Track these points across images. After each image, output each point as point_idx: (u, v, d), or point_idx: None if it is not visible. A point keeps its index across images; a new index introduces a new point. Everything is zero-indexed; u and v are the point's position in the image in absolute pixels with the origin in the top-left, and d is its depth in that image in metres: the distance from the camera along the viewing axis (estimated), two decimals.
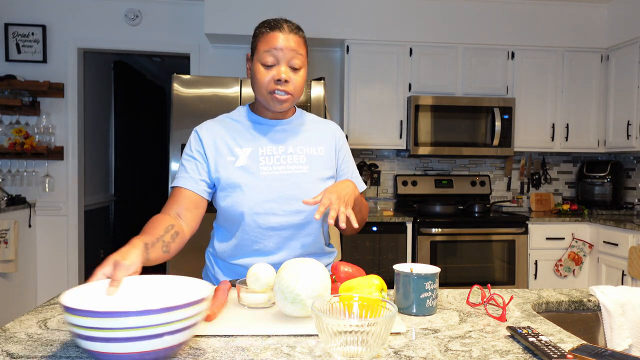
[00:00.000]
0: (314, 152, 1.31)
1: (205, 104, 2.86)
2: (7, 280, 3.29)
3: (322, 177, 1.29)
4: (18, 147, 3.46)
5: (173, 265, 2.86)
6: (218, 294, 1.02)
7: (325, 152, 1.33)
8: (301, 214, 1.25)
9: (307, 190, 1.25)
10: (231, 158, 1.25)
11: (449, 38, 3.66)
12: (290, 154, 1.27)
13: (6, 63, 3.60)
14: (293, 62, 1.20)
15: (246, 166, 1.24)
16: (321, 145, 1.33)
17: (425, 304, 1.02)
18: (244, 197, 1.22)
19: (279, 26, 1.20)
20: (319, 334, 0.74)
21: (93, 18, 3.71)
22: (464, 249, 3.35)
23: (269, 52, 1.19)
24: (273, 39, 1.19)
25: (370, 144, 3.64)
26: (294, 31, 1.21)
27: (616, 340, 1.13)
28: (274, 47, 1.18)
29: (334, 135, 1.37)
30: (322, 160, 1.31)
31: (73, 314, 0.68)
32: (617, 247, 3.18)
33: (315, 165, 1.29)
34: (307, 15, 3.53)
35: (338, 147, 1.37)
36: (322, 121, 1.40)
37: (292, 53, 1.19)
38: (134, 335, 0.68)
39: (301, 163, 1.27)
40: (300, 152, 1.29)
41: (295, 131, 1.32)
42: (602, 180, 3.83)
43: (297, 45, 1.20)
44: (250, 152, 1.26)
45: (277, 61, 1.19)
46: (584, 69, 3.79)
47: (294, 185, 1.25)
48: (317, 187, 1.26)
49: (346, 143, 1.42)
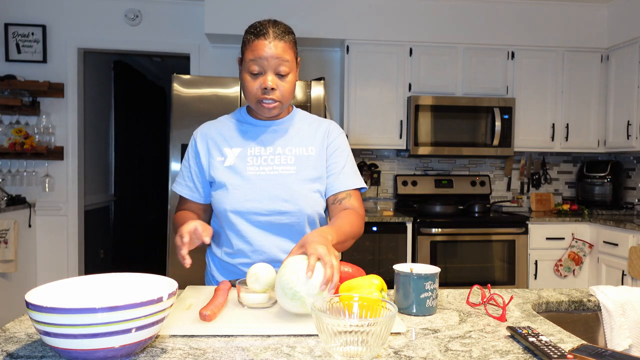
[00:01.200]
0: (303, 152, 1.30)
1: (205, 104, 2.86)
2: (7, 280, 3.29)
3: (310, 178, 1.28)
4: (18, 147, 3.45)
5: (173, 265, 2.86)
6: (218, 294, 1.02)
7: (316, 152, 1.32)
8: (284, 214, 1.25)
9: (293, 190, 1.25)
10: (220, 158, 1.29)
11: (449, 38, 3.66)
12: (278, 154, 1.29)
13: (6, 63, 3.60)
14: (279, 69, 1.20)
15: (233, 166, 1.27)
16: (312, 146, 1.32)
17: (425, 304, 1.02)
18: (229, 195, 1.25)
19: (263, 33, 1.19)
20: (319, 334, 0.74)
21: (93, 18, 3.71)
22: (464, 249, 3.35)
23: (255, 62, 1.19)
24: (258, 48, 1.19)
25: (370, 144, 3.64)
26: (279, 37, 1.19)
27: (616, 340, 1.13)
28: (259, 56, 1.18)
29: (325, 133, 1.34)
30: (311, 161, 1.30)
31: (39, 311, 0.69)
32: (617, 247, 3.18)
33: (303, 165, 1.29)
34: (307, 15, 3.53)
35: (327, 143, 1.34)
36: (317, 120, 1.38)
37: (278, 61, 1.19)
38: (96, 331, 0.69)
39: (289, 164, 1.28)
40: (289, 152, 1.29)
41: (286, 132, 1.32)
42: (602, 180, 3.83)
43: (283, 52, 1.19)
44: (239, 152, 1.28)
45: (263, 70, 1.20)
46: (584, 69, 3.79)
47: (280, 185, 1.25)
48: (303, 188, 1.27)
49: (340, 138, 1.36)
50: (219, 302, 0.98)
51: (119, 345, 0.72)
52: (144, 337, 0.75)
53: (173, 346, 0.83)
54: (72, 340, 0.70)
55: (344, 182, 1.32)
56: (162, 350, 0.82)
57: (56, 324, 0.68)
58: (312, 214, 1.29)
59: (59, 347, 0.71)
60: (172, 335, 0.88)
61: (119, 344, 0.72)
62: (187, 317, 0.96)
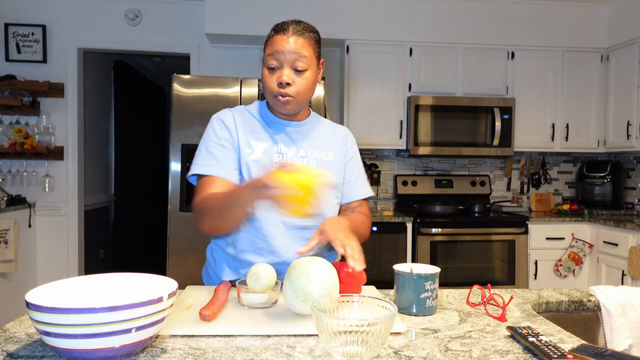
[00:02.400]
0: (324, 157, 1.32)
1: (205, 104, 2.86)
2: (7, 280, 3.29)
3: (331, 183, 1.31)
4: (18, 147, 3.45)
5: (173, 265, 2.86)
6: (218, 294, 1.02)
7: (334, 158, 1.34)
8: (305, 218, 1.26)
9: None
10: (248, 150, 1.26)
11: (449, 38, 3.66)
12: (301, 157, 1.29)
13: (6, 63, 3.60)
14: (296, 64, 1.20)
15: (260, 160, 1.25)
16: (331, 151, 1.34)
17: (425, 304, 1.02)
18: None
19: (283, 29, 1.20)
20: (319, 334, 0.75)
21: (93, 18, 3.71)
22: (464, 249, 3.35)
23: (272, 56, 1.20)
24: (276, 43, 1.20)
25: (370, 144, 3.64)
26: (298, 32, 1.20)
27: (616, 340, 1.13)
28: (276, 50, 1.19)
29: (344, 139, 1.39)
30: (331, 166, 1.32)
31: (39, 311, 0.69)
32: (617, 247, 3.18)
33: (324, 170, 1.30)
34: (307, 15, 3.53)
35: (345, 150, 1.38)
36: (334, 126, 1.41)
37: (294, 55, 1.19)
38: (98, 331, 0.70)
39: (311, 167, 1.28)
40: (311, 156, 1.30)
41: (308, 135, 1.33)
42: (602, 180, 3.83)
43: (301, 47, 1.20)
44: (265, 147, 1.27)
45: (280, 64, 1.20)
46: (584, 69, 3.79)
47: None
48: (325, 193, 1.27)
49: (355, 146, 1.42)
50: (219, 302, 0.98)
51: (119, 345, 0.72)
52: (144, 337, 0.75)
53: (173, 346, 0.83)
54: (72, 340, 0.70)
55: (359, 191, 1.39)
56: (162, 350, 0.82)
57: (56, 324, 0.68)
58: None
59: (59, 347, 0.71)
60: (172, 335, 0.88)
61: (119, 344, 0.72)
62: (187, 317, 0.96)
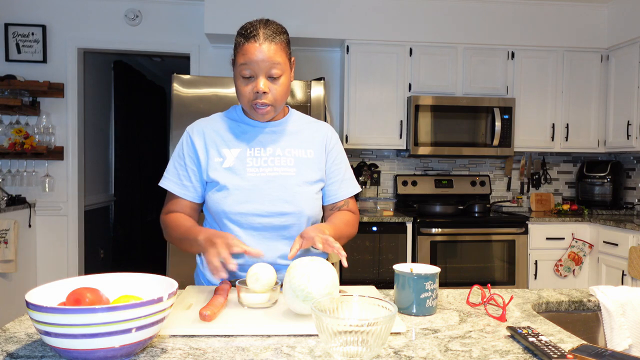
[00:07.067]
0: (302, 154, 1.30)
1: (205, 104, 2.86)
2: (7, 280, 3.29)
3: (310, 180, 1.29)
4: (18, 147, 3.45)
5: (173, 265, 2.86)
6: (218, 294, 1.02)
7: (314, 154, 1.32)
8: (284, 216, 1.25)
9: (293, 192, 1.25)
10: (219, 159, 1.26)
11: (449, 38, 3.66)
12: (278, 156, 1.28)
13: (6, 63, 3.60)
14: (271, 72, 1.18)
15: (233, 167, 1.25)
16: (311, 148, 1.32)
17: (425, 304, 1.02)
18: (229, 197, 1.23)
19: (254, 35, 1.17)
20: (319, 334, 0.75)
21: (93, 18, 3.71)
22: (464, 249, 3.35)
23: (246, 65, 1.18)
24: (248, 52, 1.16)
25: (370, 144, 3.64)
26: (269, 38, 1.17)
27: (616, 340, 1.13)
28: (250, 60, 1.16)
29: (324, 137, 1.36)
30: (310, 163, 1.30)
31: (39, 311, 0.69)
32: (617, 247, 3.18)
33: (303, 168, 1.28)
34: (307, 15, 3.53)
35: (328, 149, 1.36)
36: (314, 123, 1.39)
37: (269, 63, 1.17)
38: (99, 331, 0.70)
39: (289, 165, 1.27)
40: (289, 154, 1.29)
41: (285, 133, 1.31)
42: (602, 180, 3.83)
43: (275, 54, 1.17)
44: (238, 153, 1.26)
45: (255, 74, 1.18)
46: (584, 69, 3.79)
47: (281, 187, 1.24)
48: (303, 190, 1.26)
49: (338, 145, 1.39)
50: (219, 302, 0.98)
51: (119, 345, 0.72)
52: (144, 337, 0.75)
53: (173, 346, 0.83)
54: (72, 340, 0.70)
55: (347, 190, 1.38)
56: (162, 350, 0.82)
57: (56, 324, 0.68)
58: (311, 215, 1.29)
59: (59, 347, 0.71)
60: (172, 335, 0.88)
61: (119, 344, 0.72)
62: (187, 317, 0.96)
